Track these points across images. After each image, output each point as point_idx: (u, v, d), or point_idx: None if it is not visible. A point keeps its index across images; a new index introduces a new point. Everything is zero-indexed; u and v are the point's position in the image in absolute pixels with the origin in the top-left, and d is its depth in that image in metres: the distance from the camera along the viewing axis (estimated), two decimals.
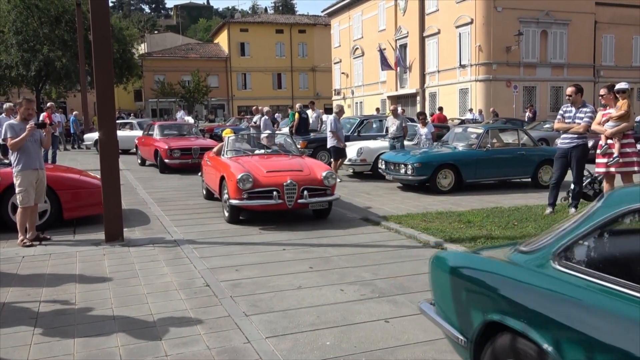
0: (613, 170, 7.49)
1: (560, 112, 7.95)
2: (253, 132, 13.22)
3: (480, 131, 11.26)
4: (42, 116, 16.57)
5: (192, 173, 13.12)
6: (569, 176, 7.97)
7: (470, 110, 27.54)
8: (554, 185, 7.94)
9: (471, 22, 28.43)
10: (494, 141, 11.29)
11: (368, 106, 38.13)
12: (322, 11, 48.09)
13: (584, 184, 8.20)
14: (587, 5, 30.09)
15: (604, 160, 7.52)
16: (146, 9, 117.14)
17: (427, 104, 32.19)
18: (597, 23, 30.64)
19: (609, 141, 7.48)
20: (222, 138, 9.96)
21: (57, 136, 19.26)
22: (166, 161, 14.09)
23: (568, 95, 7.79)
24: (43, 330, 4.03)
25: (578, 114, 7.63)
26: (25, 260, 5.96)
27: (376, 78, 37.44)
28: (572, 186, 7.92)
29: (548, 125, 19.45)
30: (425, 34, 32.02)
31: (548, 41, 29.72)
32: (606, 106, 7.81)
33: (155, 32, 68.31)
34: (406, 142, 12.65)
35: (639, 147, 7.71)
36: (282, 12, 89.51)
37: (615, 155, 7.37)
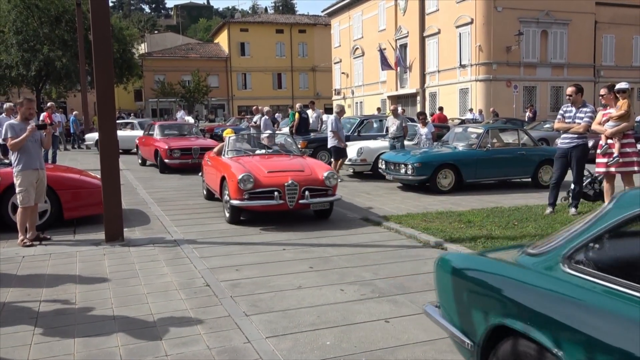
0: (613, 170, 7.49)
1: (560, 112, 7.96)
2: (254, 132, 13.22)
3: (480, 131, 11.26)
4: (43, 116, 16.57)
5: (192, 173, 13.11)
6: (569, 176, 7.97)
7: (470, 110, 27.54)
8: (554, 185, 7.94)
9: (471, 22, 28.43)
10: (494, 141, 11.29)
11: (368, 106, 38.14)
12: (322, 11, 48.13)
13: (584, 184, 8.21)
14: (588, 5, 30.09)
15: (604, 160, 7.52)
16: (146, 9, 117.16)
17: (427, 104, 32.19)
18: (598, 23, 30.64)
19: (609, 141, 7.49)
20: (223, 138, 9.94)
21: (58, 136, 19.28)
22: (166, 161, 14.07)
23: (568, 95, 7.79)
24: (43, 330, 4.03)
25: (578, 114, 7.63)
26: (25, 260, 5.96)
27: (376, 78, 37.44)
28: (572, 186, 7.92)
29: (548, 125, 19.45)
30: (425, 34, 32.02)
31: (548, 41, 29.72)
32: (606, 106, 7.81)
33: (155, 32, 68.34)
34: (406, 142, 12.65)
35: (639, 147, 7.72)
36: (282, 12, 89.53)
37: (615, 155, 7.37)
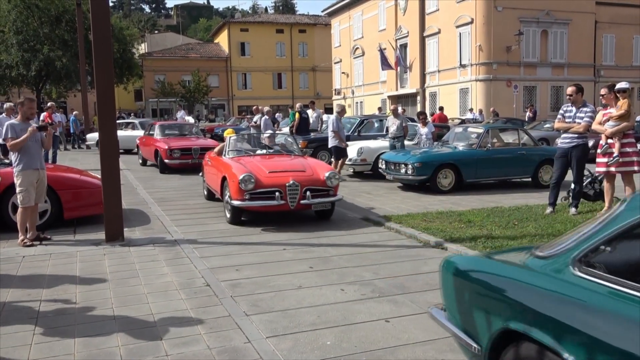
0: (613, 169, 7.49)
1: (560, 112, 7.96)
2: (254, 132, 13.21)
3: (480, 131, 11.25)
4: (43, 116, 16.55)
5: (193, 173, 13.09)
6: (570, 176, 7.97)
7: (470, 110, 27.53)
8: (555, 184, 7.94)
9: (471, 22, 28.42)
10: (495, 141, 11.29)
11: (368, 106, 38.14)
12: (323, 11, 48.14)
13: (585, 184, 8.21)
14: (588, 4, 30.07)
15: (605, 159, 7.52)
16: (146, 9, 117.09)
17: (428, 104, 32.18)
18: (598, 23, 30.62)
19: (610, 141, 7.49)
20: (224, 138, 9.91)
21: (58, 136, 19.30)
22: (166, 161, 14.04)
23: (568, 94, 7.79)
24: (43, 330, 4.03)
25: (578, 114, 7.63)
26: (25, 260, 5.96)
27: (376, 78, 37.43)
28: (573, 186, 7.92)
29: (548, 125, 19.44)
30: (425, 34, 32.01)
31: (548, 41, 29.70)
32: (607, 106, 7.81)
33: (155, 32, 68.34)
34: (406, 142, 12.65)
35: (639, 147, 7.72)
36: (283, 12, 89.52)
37: (615, 154, 7.37)
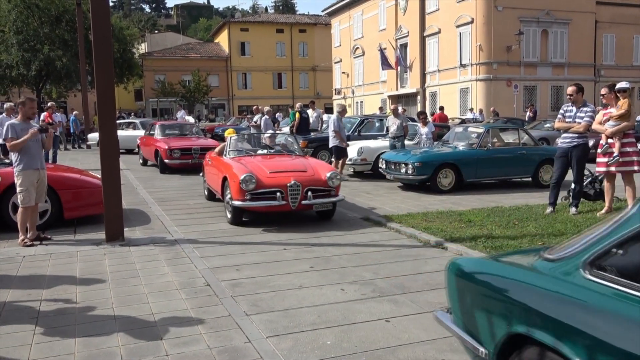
0: (613, 169, 7.50)
1: (560, 112, 7.95)
2: (255, 132, 13.20)
3: (480, 131, 11.25)
4: (43, 116, 16.55)
5: (193, 173, 13.10)
6: (570, 175, 7.97)
7: (470, 109, 27.52)
8: (555, 184, 7.93)
9: (472, 22, 28.41)
10: (495, 141, 11.29)
11: (368, 106, 38.14)
12: (323, 11, 48.12)
13: (585, 184, 8.21)
14: (588, 4, 30.07)
15: (605, 159, 7.53)
16: (146, 9, 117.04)
17: (428, 104, 32.17)
18: (598, 22, 30.62)
19: (610, 140, 7.49)
20: (224, 138, 9.89)
21: (58, 136, 19.30)
22: (166, 161, 14.02)
23: (569, 94, 7.79)
24: (44, 329, 4.03)
25: (579, 114, 7.63)
26: (25, 260, 5.97)
27: (377, 77, 37.43)
28: (573, 185, 7.91)
29: (548, 124, 19.43)
30: (425, 34, 32.00)
31: (549, 40, 29.70)
32: (607, 105, 7.81)
33: (155, 32, 68.30)
34: (407, 142, 12.65)
35: None
36: (283, 12, 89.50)
37: (615, 154, 7.37)
